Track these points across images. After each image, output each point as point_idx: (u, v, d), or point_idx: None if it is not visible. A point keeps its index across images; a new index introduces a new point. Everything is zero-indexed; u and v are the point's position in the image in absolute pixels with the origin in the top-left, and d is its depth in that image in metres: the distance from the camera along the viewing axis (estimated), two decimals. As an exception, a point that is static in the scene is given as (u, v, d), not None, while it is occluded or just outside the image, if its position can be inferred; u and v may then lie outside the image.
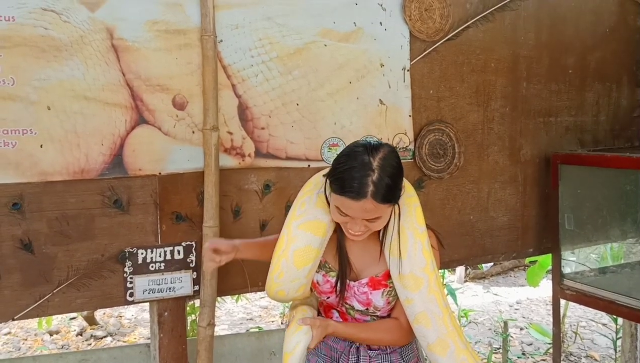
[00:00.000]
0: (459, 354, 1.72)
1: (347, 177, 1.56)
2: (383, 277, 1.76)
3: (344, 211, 1.59)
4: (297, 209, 1.75)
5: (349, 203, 1.56)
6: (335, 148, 2.70)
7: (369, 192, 1.54)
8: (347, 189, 1.55)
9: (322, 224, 1.71)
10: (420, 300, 1.70)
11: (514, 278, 7.26)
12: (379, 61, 2.76)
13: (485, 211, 3.11)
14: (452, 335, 1.72)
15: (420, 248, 1.71)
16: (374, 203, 1.55)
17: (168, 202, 2.42)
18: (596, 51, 3.36)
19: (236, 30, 2.49)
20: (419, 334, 1.74)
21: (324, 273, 1.78)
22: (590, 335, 5.21)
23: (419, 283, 1.69)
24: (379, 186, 1.55)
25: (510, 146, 3.14)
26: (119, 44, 2.30)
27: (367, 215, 1.58)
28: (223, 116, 2.48)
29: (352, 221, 1.61)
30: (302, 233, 1.70)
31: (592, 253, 3.69)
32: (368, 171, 1.55)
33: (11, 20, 2.13)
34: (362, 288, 1.75)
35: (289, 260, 1.69)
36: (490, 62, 3.05)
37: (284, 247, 1.71)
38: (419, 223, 1.73)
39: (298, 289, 1.74)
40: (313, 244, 1.70)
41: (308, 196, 1.75)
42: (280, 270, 1.71)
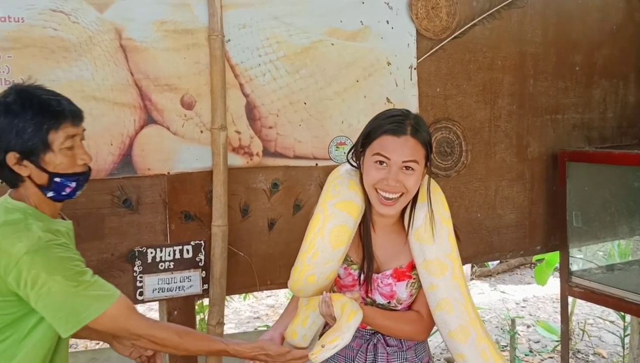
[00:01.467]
0: (481, 342, 1.71)
1: (385, 120, 1.64)
2: (407, 268, 1.75)
3: (384, 153, 1.60)
4: (330, 191, 1.72)
5: (389, 141, 1.60)
6: (343, 146, 2.70)
7: (409, 130, 1.60)
8: (388, 127, 1.61)
9: (356, 206, 1.69)
10: (444, 286, 1.69)
11: (521, 276, 7.25)
12: (386, 59, 2.77)
13: (493, 208, 3.11)
14: (474, 323, 1.71)
15: (447, 234, 1.72)
16: (414, 142, 1.60)
17: (177, 201, 2.44)
18: (603, 48, 3.35)
19: (243, 30, 2.50)
20: (440, 321, 1.72)
21: (346, 266, 1.77)
22: (597, 333, 5.20)
23: (444, 268, 1.69)
24: (417, 127, 1.62)
25: (518, 143, 3.14)
26: (127, 44, 2.31)
27: (406, 155, 1.59)
28: (231, 115, 2.49)
29: (388, 174, 1.60)
30: (338, 211, 1.67)
31: (599, 250, 3.69)
32: (406, 115, 1.65)
33: (20, 21, 2.15)
34: (386, 279, 1.74)
35: (325, 239, 1.66)
36: (497, 59, 3.05)
37: (320, 225, 1.67)
38: (445, 209, 1.75)
39: (328, 275, 1.70)
40: (349, 224, 1.68)
41: (340, 179, 1.73)
42: (315, 250, 1.67)
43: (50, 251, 1.49)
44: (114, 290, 1.57)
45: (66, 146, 1.55)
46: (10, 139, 1.51)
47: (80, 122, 1.61)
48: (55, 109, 1.54)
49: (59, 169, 1.56)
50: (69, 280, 1.48)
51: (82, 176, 1.62)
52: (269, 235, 2.61)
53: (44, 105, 1.53)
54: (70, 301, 1.49)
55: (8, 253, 1.46)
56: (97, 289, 1.53)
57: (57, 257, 1.49)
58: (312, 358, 1.53)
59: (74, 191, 1.62)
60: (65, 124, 1.55)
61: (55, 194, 1.59)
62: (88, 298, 1.50)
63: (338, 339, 1.54)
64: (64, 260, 1.50)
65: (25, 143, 1.51)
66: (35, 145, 1.52)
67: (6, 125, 1.51)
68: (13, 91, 1.55)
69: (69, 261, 1.51)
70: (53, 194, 1.59)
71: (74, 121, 1.57)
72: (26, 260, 1.45)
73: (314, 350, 1.53)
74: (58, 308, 1.49)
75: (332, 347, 1.53)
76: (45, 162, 1.55)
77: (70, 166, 1.58)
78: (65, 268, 1.49)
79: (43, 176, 1.56)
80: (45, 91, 1.58)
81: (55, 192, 1.59)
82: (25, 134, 1.51)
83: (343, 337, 1.55)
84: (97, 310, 1.51)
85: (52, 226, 1.58)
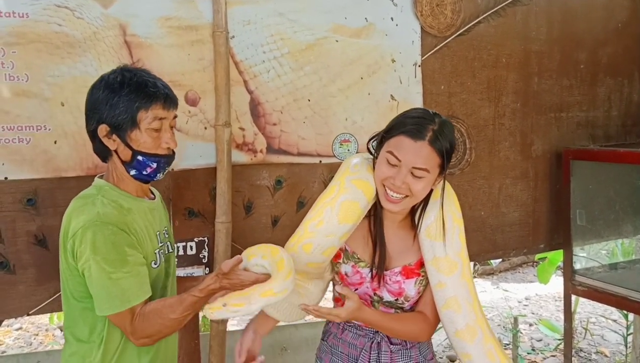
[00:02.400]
0: (487, 342, 1.71)
1: (409, 119, 1.62)
2: (416, 266, 1.75)
3: (397, 154, 1.58)
4: (350, 168, 1.72)
5: (405, 143, 1.58)
6: (347, 143, 2.70)
7: (428, 136, 1.57)
8: (409, 127, 1.59)
9: (372, 188, 1.68)
10: (452, 284, 1.69)
11: (523, 274, 7.25)
12: (390, 56, 2.76)
13: (496, 206, 3.10)
14: (481, 323, 1.72)
15: (458, 233, 1.73)
16: (429, 150, 1.58)
17: (181, 198, 2.43)
18: (608, 46, 3.34)
19: (248, 26, 2.49)
20: (447, 319, 1.71)
21: (353, 263, 1.76)
22: (600, 331, 5.19)
23: (454, 267, 1.69)
24: (438, 136, 1.58)
25: (522, 141, 3.13)
26: (132, 40, 2.30)
27: (418, 162, 1.57)
28: (235, 112, 2.49)
29: (397, 174, 1.59)
30: (354, 187, 1.67)
31: (603, 249, 3.68)
32: (431, 119, 1.61)
33: (25, 16, 2.14)
34: (394, 277, 1.74)
35: (334, 210, 1.65)
36: (502, 57, 3.04)
37: (333, 196, 1.67)
38: (456, 207, 1.76)
39: (325, 250, 1.68)
40: (361, 202, 1.67)
41: (359, 159, 1.74)
42: (321, 218, 1.66)
43: (102, 230, 1.53)
44: (146, 289, 1.60)
45: (153, 127, 1.62)
46: (103, 112, 1.59)
47: (172, 107, 1.66)
48: (150, 90, 1.61)
49: (142, 147, 1.62)
50: (108, 264, 1.53)
51: (164, 158, 1.67)
52: (273, 231, 2.61)
53: (140, 84, 1.60)
54: (102, 285, 1.54)
55: (71, 226, 1.56)
56: (130, 283, 1.55)
57: (106, 238, 1.53)
58: (207, 313, 1.49)
59: (155, 172, 1.67)
60: (156, 106, 1.61)
61: (137, 172, 1.65)
62: (118, 289, 1.54)
63: (243, 305, 1.46)
64: (111, 244, 1.53)
65: (116, 117, 1.59)
66: (124, 120, 1.59)
67: (103, 98, 1.59)
68: (119, 70, 1.65)
69: (116, 246, 1.54)
70: (135, 172, 1.65)
71: (165, 105, 1.63)
72: (79, 234, 1.53)
73: (213, 305, 1.49)
74: (94, 287, 1.55)
75: (233, 310, 1.46)
76: (131, 139, 1.61)
77: (154, 147, 1.64)
78: (109, 251, 1.53)
79: (127, 152, 1.63)
80: (148, 74, 1.67)
81: (137, 170, 1.65)
82: (117, 109, 1.58)
83: (250, 306, 1.47)
84: (120, 306, 1.55)
85: (126, 203, 1.64)
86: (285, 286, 1.50)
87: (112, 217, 1.57)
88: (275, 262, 1.54)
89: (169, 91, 1.67)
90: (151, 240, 1.69)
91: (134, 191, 1.70)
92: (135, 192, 1.70)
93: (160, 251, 1.73)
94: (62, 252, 1.62)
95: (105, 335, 1.63)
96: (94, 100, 1.62)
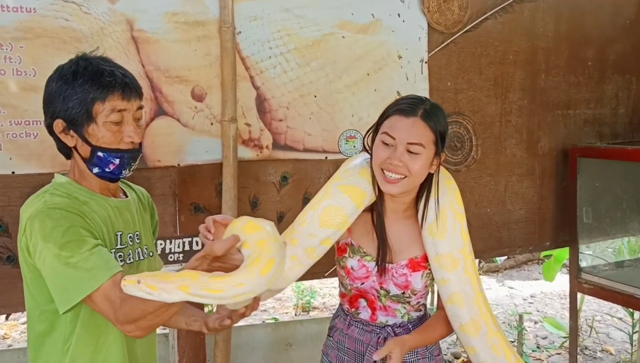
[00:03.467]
0: (491, 336, 1.72)
1: (401, 100, 1.67)
2: (422, 259, 1.76)
3: (391, 133, 1.61)
4: (341, 173, 1.74)
5: (397, 121, 1.61)
6: (353, 140, 2.70)
7: (420, 113, 1.61)
8: (400, 105, 1.63)
9: (361, 193, 1.69)
10: (456, 280, 1.70)
11: (528, 272, 7.23)
12: (397, 52, 2.75)
13: (502, 204, 3.09)
14: (486, 317, 1.72)
15: (460, 229, 1.73)
16: (422, 125, 1.60)
17: (187, 193, 2.44)
18: (616, 43, 3.32)
19: (254, 22, 2.49)
20: (452, 314, 1.73)
21: (359, 257, 1.76)
22: (605, 329, 5.17)
23: (456, 263, 1.70)
24: (430, 112, 1.62)
25: (528, 138, 3.13)
26: (138, 36, 2.31)
27: (412, 137, 1.59)
28: (241, 108, 2.49)
29: (394, 153, 1.60)
30: (340, 193, 1.68)
31: (609, 247, 3.67)
32: (422, 100, 1.66)
33: (32, 11, 2.15)
34: (401, 270, 1.74)
35: (316, 213, 1.66)
36: (509, 54, 3.03)
37: (317, 200, 1.69)
38: (458, 203, 1.76)
39: (308, 248, 1.65)
40: (346, 208, 1.67)
41: (353, 165, 1.75)
42: (304, 219, 1.67)
43: (49, 216, 1.38)
44: (114, 264, 1.39)
45: (112, 120, 1.45)
46: (57, 105, 1.44)
47: (134, 97, 1.48)
48: (106, 79, 1.43)
49: (101, 143, 1.46)
50: (62, 249, 1.35)
51: (127, 153, 1.50)
52: (278, 227, 2.59)
53: (95, 73, 1.44)
54: (61, 273, 1.36)
55: (22, 221, 1.42)
56: (94, 262, 1.36)
57: (55, 223, 1.37)
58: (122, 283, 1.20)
59: (119, 169, 1.50)
60: (113, 96, 1.44)
61: (100, 170, 1.49)
62: (81, 271, 1.35)
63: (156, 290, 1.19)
64: (62, 227, 1.37)
65: (70, 111, 1.43)
66: (78, 114, 1.43)
67: (56, 90, 1.44)
68: (75, 59, 1.48)
69: (68, 229, 1.37)
70: (98, 170, 1.49)
71: (124, 95, 1.45)
72: (29, 226, 1.39)
73: (129, 278, 1.21)
74: (52, 281, 1.38)
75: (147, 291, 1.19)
76: (89, 133, 1.45)
77: (115, 141, 1.47)
78: (61, 235, 1.36)
79: (86, 148, 1.47)
80: (106, 61, 1.49)
81: (98, 168, 1.49)
82: (71, 101, 1.43)
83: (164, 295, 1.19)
84: (89, 286, 1.34)
85: (83, 197, 1.48)
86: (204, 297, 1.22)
87: (60, 203, 1.41)
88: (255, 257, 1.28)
89: (130, 79, 1.49)
90: (109, 240, 1.50)
91: (98, 190, 1.53)
92: (99, 190, 1.53)
93: (119, 254, 1.52)
94: (20, 255, 1.46)
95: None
96: (48, 93, 1.47)
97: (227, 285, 1.21)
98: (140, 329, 1.36)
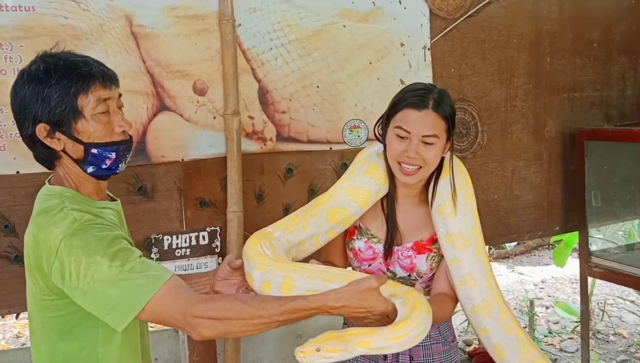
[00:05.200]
0: (504, 315, 1.73)
1: (409, 93, 1.69)
2: (428, 242, 1.79)
3: (405, 127, 1.64)
4: (347, 175, 1.81)
5: (410, 115, 1.65)
6: (357, 129, 2.68)
7: (431, 104, 1.64)
8: (410, 100, 1.66)
9: (365, 193, 1.75)
10: (468, 260, 1.72)
11: (538, 257, 7.20)
12: (399, 40, 2.73)
13: (510, 189, 3.07)
14: (497, 298, 1.74)
15: (471, 209, 1.77)
16: (435, 116, 1.64)
17: (192, 188, 2.43)
18: (621, 23, 3.28)
19: (254, 14, 2.47)
20: (464, 296, 1.74)
21: (366, 239, 1.82)
22: (617, 313, 5.15)
23: (468, 243, 1.72)
24: (440, 101, 1.65)
25: (535, 123, 3.10)
26: (138, 31, 2.30)
27: (426, 129, 1.63)
28: (244, 101, 2.48)
29: (409, 145, 1.64)
30: (344, 195, 1.76)
31: (619, 230, 3.64)
32: (430, 89, 1.69)
33: (31, 10, 2.14)
34: (406, 252, 1.78)
35: (324, 210, 1.75)
36: (513, 38, 2.99)
37: (324, 201, 1.78)
38: (468, 185, 1.80)
39: (313, 236, 1.76)
40: (349, 208, 1.75)
41: (360, 164, 1.81)
42: (314, 213, 1.76)
43: (88, 232, 1.31)
44: (165, 269, 1.36)
45: (100, 110, 1.37)
46: (36, 109, 1.34)
47: (113, 85, 1.41)
48: (83, 70, 1.36)
49: (94, 138, 1.38)
50: (112, 259, 1.29)
51: (121, 145, 1.43)
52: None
53: (69, 67, 1.35)
54: (118, 284, 1.29)
55: (47, 245, 1.31)
56: (147, 269, 1.32)
57: (97, 237, 1.31)
58: (298, 356, 1.31)
59: (116, 164, 1.43)
60: (95, 86, 1.36)
61: (96, 168, 1.41)
62: (139, 278, 1.30)
63: (338, 353, 1.31)
64: (105, 239, 1.31)
65: (53, 111, 1.34)
66: (64, 112, 1.34)
67: (30, 94, 1.34)
68: (39, 58, 1.39)
69: (111, 240, 1.32)
70: (93, 169, 1.41)
71: (105, 83, 1.38)
72: (64, 247, 1.29)
73: (305, 349, 1.31)
74: (106, 297, 1.29)
75: (327, 356, 1.30)
76: (78, 131, 1.37)
77: (107, 134, 1.40)
78: (107, 246, 1.30)
79: (78, 148, 1.38)
80: (73, 54, 1.41)
81: (94, 166, 1.41)
82: (52, 101, 1.33)
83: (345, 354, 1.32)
84: (149, 292, 1.29)
85: (94, 208, 1.41)
86: (389, 347, 1.36)
87: (92, 219, 1.35)
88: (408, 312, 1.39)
89: (105, 67, 1.41)
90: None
91: (95, 194, 1.46)
92: (95, 195, 1.47)
93: None
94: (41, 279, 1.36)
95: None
96: (20, 100, 1.36)
97: (409, 329, 1.36)
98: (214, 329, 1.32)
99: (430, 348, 1.83)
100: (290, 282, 1.48)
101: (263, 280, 1.51)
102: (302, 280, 1.49)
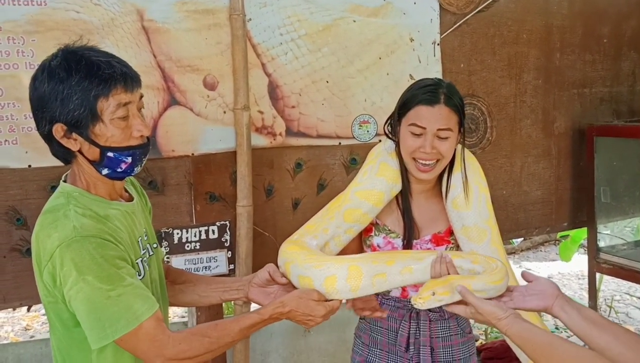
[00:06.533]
0: None
1: (419, 90, 1.71)
2: (445, 233, 1.81)
3: (419, 123, 1.67)
4: (359, 177, 1.84)
5: (423, 111, 1.67)
6: (366, 125, 2.68)
7: (442, 98, 1.67)
8: (422, 97, 1.68)
9: (378, 194, 1.77)
10: (483, 252, 1.72)
11: (545, 253, 7.19)
12: (409, 35, 2.72)
13: (519, 185, 3.07)
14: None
15: (485, 201, 1.78)
16: (447, 110, 1.67)
17: (202, 182, 2.44)
18: (631, 19, 3.26)
19: (264, 9, 2.47)
20: None
21: (384, 235, 1.83)
22: (625, 309, 5.14)
23: (483, 235, 1.74)
24: (450, 95, 1.68)
25: (544, 118, 3.09)
26: (149, 26, 2.30)
27: (440, 124, 1.66)
28: (254, 95, 2.48)
29: (424, 142, 1.66)
30: (357, 198, 1.78)
31: (627, 226, 3.63)
32: (439, 84, 1.72)
33: (43, 4, 2.15)
34: (425, 245, 1.80)
35: (340, 212, 1.77)
36: (522, 33, 2.98)
37: (338, 204, 1.80)
38: (481, 177, 1.82)
39: (334, 237, 1.77)
40: (363, 208, 1.77)
41: (371, 166, 1.83)
42: (331, 216, 1.79)
43: (84, 246, 1.29)
44: (152, 302, 1.35)
45: (118, 115, 1.34)
46: (55, 109, 1.32)
47: (136, 87, 1.38)
48: (105, 72, 1.32)
49: (111, 142, 1.35)
50: (102, 281, 1.28)
51: (138, 149, 1.40)
52: (294, 214, 2.61)
53: (92, 68, 1.31)
54: (99, 308, 1.29)
55: (44, 246, 1.31)
56: (133, 301, 1.32)
57: (91, 254, 1.29)
58: (418, 303, 1.41)
59: (131, 167, 1.41)
60: (117, 90, 1.33)
61: (111, 171, 1.39)
62: (120, 308, 1.29)
63: (448, 294, 1.41)
64: (100, 258, 1.29)
65: (71, 113, 1.31)
66: (82, 115, 1.31)
67: (50, 92, 1.31)
68: (60, 53, 1.34)
69: (107, 259, 1.30)
70: (108, 171, 1.39)
71: (127, 86, 1.35)
72: (58, 255, 1.28)
73: (422, 294, 1.41)
74: (87, 314, 1.30)
75: (439, 299, 1.41)
76: (95, 134, 1.34)
77: (125, 138, 1.37)
78: (99, 266, 1.29)
79: (94, 150, 1.36)
80: (97, 52, 1.36)
81: (109, 169, 1.38)
82: (71, 102, 1.30)
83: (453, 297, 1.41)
84: (127, 325, 1.30)
85: (102, 210, 1.39)
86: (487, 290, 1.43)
87: (92, 229, 1.32)
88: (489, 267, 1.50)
89: (128, 68, 1.37)
90: (134, 250, 1.44)
91: (107, 194, 1.43)
92: (108, 195, 1.44)
93: (143, 260, 1.48)
94: (39, 278, 1.36)
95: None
96: (39, 96, 1.34)
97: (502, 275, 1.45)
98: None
99: (449, 339, 1.85)
100: (358, 270, 1.53)
101: (325, 276, 1.53)
102: (368, 266, 1.54)
